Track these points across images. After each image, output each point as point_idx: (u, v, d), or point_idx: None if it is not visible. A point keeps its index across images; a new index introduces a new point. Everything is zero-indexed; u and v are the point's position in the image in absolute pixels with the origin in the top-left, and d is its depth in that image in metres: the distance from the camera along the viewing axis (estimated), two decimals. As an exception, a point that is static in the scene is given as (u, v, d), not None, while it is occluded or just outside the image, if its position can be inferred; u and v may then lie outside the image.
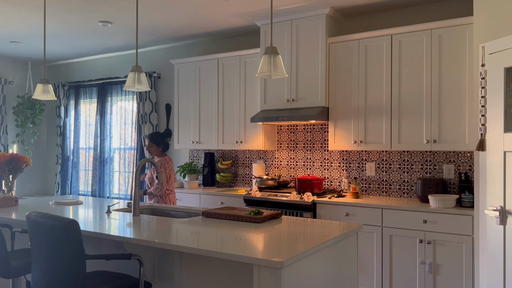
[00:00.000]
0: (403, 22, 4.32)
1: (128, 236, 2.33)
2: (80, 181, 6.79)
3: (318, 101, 4.29)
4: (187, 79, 5.30)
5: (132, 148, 6.16)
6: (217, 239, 2.25)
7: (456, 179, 4.00)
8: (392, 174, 4.31)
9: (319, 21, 4.29)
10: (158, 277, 2.59)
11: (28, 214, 2.28)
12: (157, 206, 3.53)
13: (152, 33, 5.24)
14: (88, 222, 2.76)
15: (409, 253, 3.63)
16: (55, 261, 2.11)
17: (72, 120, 6.84)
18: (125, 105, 6.27)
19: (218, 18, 4.64)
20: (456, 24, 3.69)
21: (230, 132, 4.95)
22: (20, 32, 5.22)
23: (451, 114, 3.71)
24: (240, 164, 5.27)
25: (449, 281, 3.47)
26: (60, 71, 7.10)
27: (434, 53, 3.79)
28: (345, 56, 4.23)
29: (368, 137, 4.11)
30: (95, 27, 4.97)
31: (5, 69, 6.73)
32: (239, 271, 2.33)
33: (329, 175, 4.67)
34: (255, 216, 2.74)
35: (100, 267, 2.89)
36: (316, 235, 2.35)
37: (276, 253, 1.96)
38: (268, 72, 2.64)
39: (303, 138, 4.84)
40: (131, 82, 3.14)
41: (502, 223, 2.79)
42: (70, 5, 4.23)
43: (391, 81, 3.99)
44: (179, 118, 5.37)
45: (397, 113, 3.95)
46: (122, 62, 6.37)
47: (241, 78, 4.86)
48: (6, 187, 3.54)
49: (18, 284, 3.01)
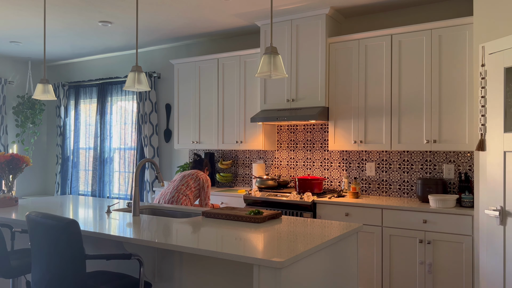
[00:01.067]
0: (403, 22, 4.32)
1: (128, 236, 2.33)
2: (80, 181, 6.79)
3: (318, 101, 4.29)
4: (187, 79, 5.29)
5: (132, 148, 6.16)
6: (217, 239, 2.25)
7: (456, 179, 4.00)
8: (392, 174, 4.31)
9: (319, 21, 4.29)
10: (158, 277, 2.60)
11: (28, 214, 2.28)
12: (157, 206, 3.53)
13: (152, 33, 5.24)
14: (88, 222, 2.76)
15: (409, 253, 3.63)
16: (55, 261, 2.11)
17: (72, 120, 6.84)
18: (125, 105, 6.27)
19: (218, 18, 4.64)
20: (456, 24, 3.69)
21: (230, 132, 4.94)
22: (20, 32, 5.22)
23: (451, 114, 3.72)
24: (240, 164, 5.27)
25: (449, 281, 3.47)
26: (60, 71, 7.10)
27: (434, 53, 3.79)
28: (345, 56, 4.23)
29: (368, 137, 4.11)
30: (95, 27, 4.97)
31: (5, 69, 6.73)
32: (239, 271, 2.33)
33: (329, 175, 4.66)
34: (255, 216, 2.75)
35: (100, 267, 2.89)
36: (316, 235, 2.35)
37: (276, 253, 1.96)
38: (268, 72, 2.64)
39: (303, 138, 4.84)
40: (131, 82, 3.14)
41: (502, 223, 2.79)
42: (70, 5, 4.23)
43: (391, 81, 3.99)
44: (179, 118, 5.37)
45: (397, 113, 3.95)
46: (122, 62, 6.37)
47: (241, 78, 4.86)
48: (6, 187, 3.54)
49: (18, 284, 3.01)
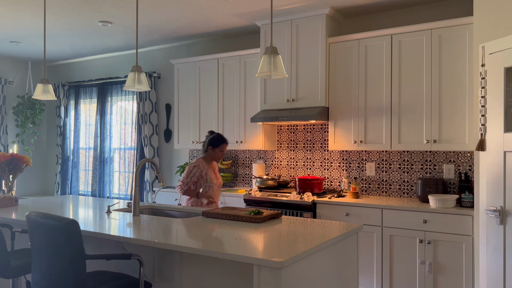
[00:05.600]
0: (403, 22, 4.32)
1: (128, 236, 2.32)
2: (80, 181, 6.79)
3: (318, 101, 4.28)
4: (187, 79, 5.29)
5: (132, 148, 6.16)
6: (217, 239, 2.25)
7: (456, 179, 4.00)
8: (392, 174, 4.31)
9: (319, 21, 4.29)
10: (158, 277, 2.59)
11: (28, 214, 2.28)
12: (157, 206, 3.53)
13: (152, 33, 5.24)
14: (88, 222, 2.76)
15: (409, 253, 3.62)
16: (55, 261, 2.11)
17: (72, 120, 6.84)
18: (125, 105, 6.27)
19: (218, 18, 4.64)
20: (456, 24, 3.69)
21: (230, 132, 4.94)
22: (20, 32, 5.22)
23: (451, 114, 3.71)
24: (240, 164, 5.27)
25: (449, 281, 3.47)
26: (60, 71, 7.09)
27: (434, 53, 3.79)
28: (345, 56, 4.23)
29: (368, 137, 4.11)
30: (95, 27, 4.97)
31: (5, 69, 6.73)
32: (239, 271, 2.33)
33: (329, 175, 4.66)
34: (255, 216, 2.74)
35: (100, 267, 2.89)
36: (316, 235, 2.35)
37: (276, 253, 1.96)
38: (268, 72, 2.64)
39: (303, 138, 4.84)
40: (131, 82, 3.14)
41: (502, 223, 2.79)
42: (70, 5, 4.23)
43: (391, 81, 3.99)
44: (179, 118, 5.37)
45: (397, 113, 3.95)
46: (122, 62, 6.37)
47: (241, 78, 4.86)
48: (6, 187, 3.54)
49: (18, 284, 3.01)
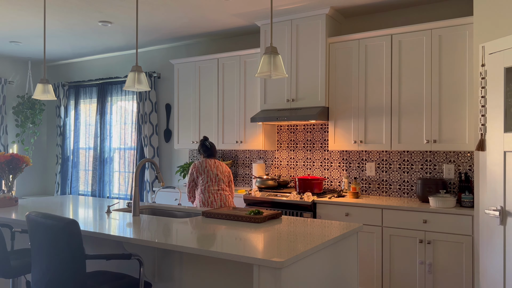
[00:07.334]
0: (403, 22, 4.32)
1: (128, 236, 2.32)
2: (80, 181, 6.79)
3: (318, 101, 4.29)
4: (187, 79, 5.29)
5: (132, 148, 6.16)
6: (217, 239, 2.25)
7: (456, 179, 4.00)
8: (392, 174, 4.31)
9: (319, 21, 4.29)
10: (158, 277, 2.59)
11: (28, 214, 2.28)
12: (157, 206, 3.53)
13: (152, 33, 5.24)
14: (88, 222, 2.76)
15: (409, 253, 3.63)
16: (55, 261, 2.11)
17: (72, 120, 6.84)
18: (125, 105, 6.27)
19: (218, 18, 4.64)
20: (456, 24, 3.69)
21: (230, 132, 4.94)
22: (20, 32, 5.22)
23: (451, 114, 3.71)
24: (240, 164, 5.27)
25: (449, 281, 3.47)
26: (60, 71, 7.09)
27: (434, 53, 3.79)
28: (345, 56, 4.23)
29: (368, 137, 4.11)
30: (95, 27, 4.97)
31: (5, 69, 6.73)
32: (239, 271, 2.33)
33: (329, 175, 4.66)
34: (255, 216, 2.74)
35: (100, 267, 2.89)
36: (316, 235, 2.35)
37: (276, 253, 1.96)
38: (268, 72, 2.64)
39: (303, 138, 4.84)
40: (131, 82, 3.14)
41: (502, 223, 2.79)
42: (70, 5, 4.23)
43: (391, 81, 3.99)
44: (179, 118, 5.37)
45: (397, 113, 3.95)
46: (122, 62, 6.37)
47: (241, 78, 4.86)
48: (6, 187, 3.54)
49: (18, 284, 3.01)
